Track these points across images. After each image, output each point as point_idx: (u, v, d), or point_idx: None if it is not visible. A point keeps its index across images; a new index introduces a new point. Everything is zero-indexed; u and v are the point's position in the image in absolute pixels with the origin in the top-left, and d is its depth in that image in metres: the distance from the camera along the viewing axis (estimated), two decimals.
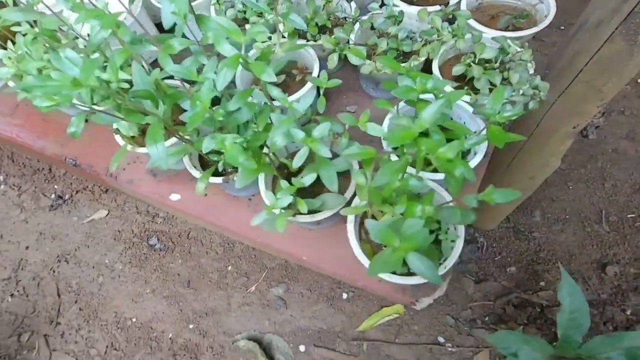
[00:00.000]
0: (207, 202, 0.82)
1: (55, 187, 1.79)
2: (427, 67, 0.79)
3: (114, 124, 0.73)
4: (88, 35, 0.60)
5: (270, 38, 0.79)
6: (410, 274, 0.61)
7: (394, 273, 0.59)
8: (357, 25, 0.84)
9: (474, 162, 0.62)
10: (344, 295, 1.49)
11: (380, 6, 0.81)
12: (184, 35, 0.62)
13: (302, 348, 1.40)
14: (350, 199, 0.65)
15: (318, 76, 0.80)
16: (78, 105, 0.58)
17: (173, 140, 0.72)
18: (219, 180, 0.68)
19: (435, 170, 0.64)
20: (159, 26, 1.08)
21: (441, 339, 1.40)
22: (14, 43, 0.76)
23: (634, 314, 1.34)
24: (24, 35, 0.72)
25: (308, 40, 0.86)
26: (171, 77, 0.69)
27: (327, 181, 0.52)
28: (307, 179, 0.53)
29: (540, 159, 0.98)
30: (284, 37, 0.85)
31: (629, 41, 0.56)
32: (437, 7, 0.81)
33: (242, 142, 0.47)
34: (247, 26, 0.90)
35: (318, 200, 0.56)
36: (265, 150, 0.62)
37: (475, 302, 1.46)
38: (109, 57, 0.57)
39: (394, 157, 0.58)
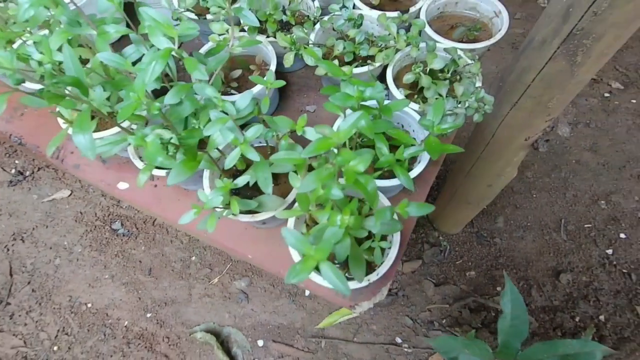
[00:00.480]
0: (156, 194, 0.80)
1: (17, 162, 1.71)
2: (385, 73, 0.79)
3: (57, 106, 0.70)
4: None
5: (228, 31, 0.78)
6: (347, 279, 0.61)
7: None
8: (318, 25, 0.83)
9: (416, 170, 0.63)
10: (307, 292, 1.49)
11: (341, 8, 0.80)
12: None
13: (260, 343, 1.40)
14: (295, 201, 0.64)
15: (275, 72, 0.80)
16: None
17: (117, 129, 0.70)
18: (162, 173, 0.67)
19: (383, 177, 0.65)
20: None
21: (398, 340, 1.42)
22: None
23: (582, 320, 1.38)
24: None
25: (268, 36, 0.85)
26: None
27: (261, 183, 0.52)
28: (241, 181, 0.53)
29: (497, 168, 1.00)
30: (244, 30, 0.83)
31: (569, 61, 0.57)
32: (397, 13, 0.81)
33: (170, 139, 0.46)
34: (209, 16, 0.88)
35: (254, 202, 0.56)
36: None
37: (434, 304, 1.48)
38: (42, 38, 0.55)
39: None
